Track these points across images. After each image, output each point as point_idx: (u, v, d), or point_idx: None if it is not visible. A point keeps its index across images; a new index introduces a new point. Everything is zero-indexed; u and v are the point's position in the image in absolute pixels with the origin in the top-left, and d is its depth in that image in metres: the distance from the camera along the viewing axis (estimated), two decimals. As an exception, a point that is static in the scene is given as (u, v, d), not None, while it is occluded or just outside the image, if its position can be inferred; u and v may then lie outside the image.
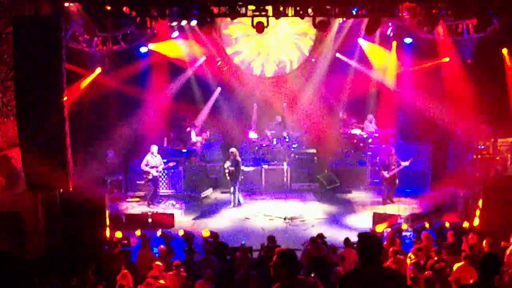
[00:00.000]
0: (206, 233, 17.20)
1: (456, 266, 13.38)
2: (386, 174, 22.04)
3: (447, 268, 13.80)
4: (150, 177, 22.09)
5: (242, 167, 23.35)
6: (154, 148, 22.24)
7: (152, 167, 22.01)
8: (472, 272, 12.56)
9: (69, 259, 14.46)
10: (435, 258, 14.36)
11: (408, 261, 14.38)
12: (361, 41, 26.11)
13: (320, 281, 11.86)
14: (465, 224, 17.64)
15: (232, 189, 22.52)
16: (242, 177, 23.02)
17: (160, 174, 22.90)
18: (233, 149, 22.74)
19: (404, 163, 21.84)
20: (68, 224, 16.25)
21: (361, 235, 7.69)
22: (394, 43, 25.30)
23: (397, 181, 22.26)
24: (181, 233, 17.44)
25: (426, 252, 15.15)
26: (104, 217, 17.41)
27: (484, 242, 14.88)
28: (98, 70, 22.92)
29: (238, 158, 22.62)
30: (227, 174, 22.54)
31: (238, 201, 22.56)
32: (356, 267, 7.43)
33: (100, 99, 23.31)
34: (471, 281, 10.93)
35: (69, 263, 14.20)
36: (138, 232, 17.32)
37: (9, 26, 15.70)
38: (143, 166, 22.02)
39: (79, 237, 16.05)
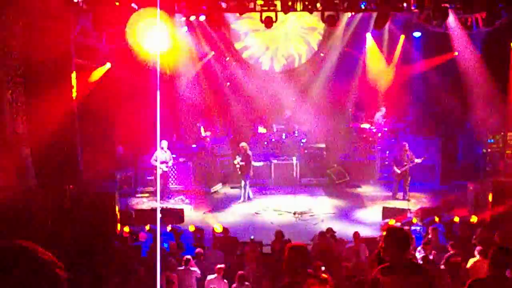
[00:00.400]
0: (219, 229, 17.22)
1: (471, 261, 13.31)
2: (397, 170, 21.93)
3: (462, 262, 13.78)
4: (160, 172, 22.10)
5: (252, 162, 23.40)
6: (164, 143, 22.23)
7: (161, 162, 22.00)
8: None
9: (78, 255, 14.50)
10: (451, 252, 14.33)
11: (417, 255, 14.38)
12: (369, 37, 26.06)
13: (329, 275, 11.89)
14: (473, 219, 17.63)
15: (242, 183, 22.52)
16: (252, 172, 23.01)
17: (170, 170, 22.90)
18: (243, 144, 22.74)
19: (417, 160, 21.73)
20: (77, 219, 16.30)
21: (392, 228, 7.76)
22: (402, 37, 25.29)
23: (409, 177, 22.13)
24: (192, 228, 17.48)
25: (432, 247, 15.13)
26: (114, 212, 17.47)
27: (496, 235, 14.86)
28: (108, 65, 22.91)
29: (249, 152, 22.61)
30: (238, 169, 22.56)
31: (248, 196, 22.57)
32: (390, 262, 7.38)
33: (109, 94, 23.32)
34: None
35: (78, 258, 14.24)
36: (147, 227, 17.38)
37: (17, 22, 15.73)
38: (152, 161, 22.02)
39: (89, 232, 16.10)
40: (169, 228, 17.52)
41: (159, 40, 13.25)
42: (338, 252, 15.35)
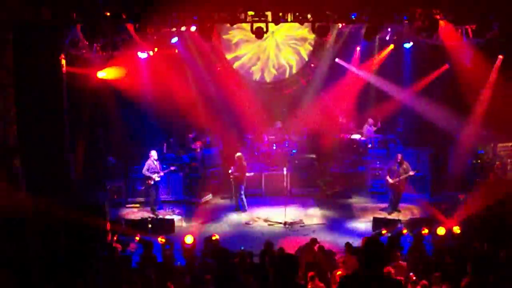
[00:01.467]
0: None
1: None
2: (390, 179, 21.93)
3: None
4: (152, 182, 22.04)
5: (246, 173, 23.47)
6: (154, 153, 22.19)
7: (153, 172, 21.98)
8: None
9: (70, 264, 14.48)
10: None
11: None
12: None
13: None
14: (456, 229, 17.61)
15: (237, 194, 22.58)
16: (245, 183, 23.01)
17: (160, 180, 22.80)
18: (238, 154, 22.78)
19: (410, 173, 21.72)
20: (68, 229, 16.27)
21: (367, 240, 7.73)
22: (391, 47, 25.34)
23: (402, 188, 22.12)
24: (190, 240, 17.44)
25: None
26: (104, 223, 17.43)
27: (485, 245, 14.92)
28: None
29: (244, 163, 22.64)
30: (231, 179, 22.57)
31: (241, 206, 22.57)
32: (355, 270, 7.43)
33: (100, 104, 23.30)
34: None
35: (70, 267, 14.22)
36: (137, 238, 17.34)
37: (9, 32, 15.72)
38: (144, 172, 21.98)
39: (80, 242, 16.07)
40: (160, 239, 17.42)
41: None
42: (325, 263, 15.31)
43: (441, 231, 17.66)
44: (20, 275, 12.98)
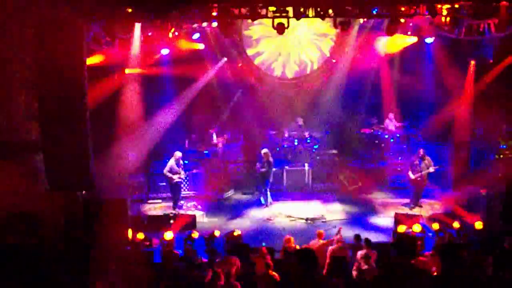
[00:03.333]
0: (237, 232, 17.32)
1: None
2: (411, 175, 21.87)
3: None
4: (173, 182, 22.08)
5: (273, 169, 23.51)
6: (178, 154, 22.19)
7: (174, 173, 22.00)
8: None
9: (90, 261, 14.53)
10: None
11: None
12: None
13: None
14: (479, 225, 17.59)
15: (263, 189, 22.77)
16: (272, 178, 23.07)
17: (182, 180, 22.81)
18: (265, 150, 22.83)
19: (431, 169, 21.65)
20: (89, 225, 16.34)
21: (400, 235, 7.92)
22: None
23: (425, 183, 22.09)
24: (217, 233, 17.50)
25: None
26: (125, 219, 17.50)
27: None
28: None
29: (271, 159, 22.69)
30: (258, 175, 22.68)
31: (266, 201, 22.67)
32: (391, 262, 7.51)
33: (121, 100, 23.37)
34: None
35: (90, 264, 14.28)
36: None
37: (31, 29, 15.81)
38: (165, 172, 21.99)
39: (101, 238, 16.13)
40: (195, 234, 17.47)
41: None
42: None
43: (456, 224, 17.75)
44: (38, 271, 13.05)
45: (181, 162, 22.34)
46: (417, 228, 17.78)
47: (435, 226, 18.14)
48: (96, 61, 19.94)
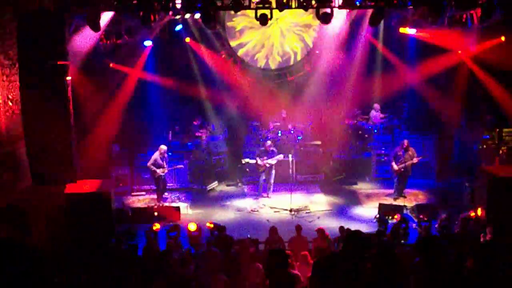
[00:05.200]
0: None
1: None
2: (395, 166, 21.92)
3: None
4: (156, 176, 22.04)
5: (247, 160, 23.49)
6: (164, 147, 22.15)
7: (158, 167, 21.95)
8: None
9: (74, 254, 14.48)
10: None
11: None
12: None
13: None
14: (472, 214, 17.61)
15: (268, 180, 22.91)
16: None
17: (166, 174, 22.75)
18: (269, 142, 22.91)
19: (414, 160, 21.71)
20: (73, 218, 16.30)
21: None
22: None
23: (407, 174, 22.08)
24: (193, 227, 17.47)
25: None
26: (109, 211, 17.45)
27: (487, 229, 14.89)
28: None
29: (274, 149, 22.80)
30: (263, 167, 22.65)
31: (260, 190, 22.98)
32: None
33: (104, 92, 23.32)
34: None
35: (74, 257, 14.23)
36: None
37: (13, 21, 15.73)
38: (149, 165, 21.95)
39: (85, 232, 16.10)
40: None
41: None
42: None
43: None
44: (25, 264, 12.97)
45: (166, 156, 22.29)
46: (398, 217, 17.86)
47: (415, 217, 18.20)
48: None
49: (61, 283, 12.08)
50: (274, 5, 18.36)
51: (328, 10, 18.42)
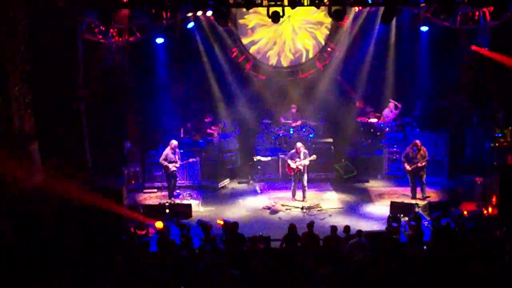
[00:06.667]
0: (220, 222, 17.35)
1: None
2: (407, 167, 21.75)
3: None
4: (169, 171, 22.05)
5: (259, 157, 23.51)
6: (174, 142, 22.13)
7: (170, 162, 21.96)
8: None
9: (86, 250, 14.54)
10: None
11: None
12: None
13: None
14: (484, 212, 17.59)
15: (301, 183, 22.43)
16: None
17: (178, 169, 22.73)
18: (300, 144, 22.59)
19: (423, 162, 21.56)
20: (85, 214, 16.34)
21: None
22: None
23: (423, 174, 21.75)
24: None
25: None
26: (121, 208, 17.50)
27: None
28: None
29: (305, 150, 22.60)
30: (296, 170, 22.36)
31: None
32: None
33: (116, 90, 23.38)
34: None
35: (86, 254, 14.29)
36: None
37: (25, 18, 15.78)
38: (161, 161, 21.95)
39: (97, 228, 16.15)
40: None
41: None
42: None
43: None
44: (37, 259, 13.07)
45: (177, 150, 22.30)
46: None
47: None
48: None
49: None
50: (286, 2, 18.39)
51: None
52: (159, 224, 17.34)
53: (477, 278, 10.39)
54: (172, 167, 21.94)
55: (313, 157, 22.22)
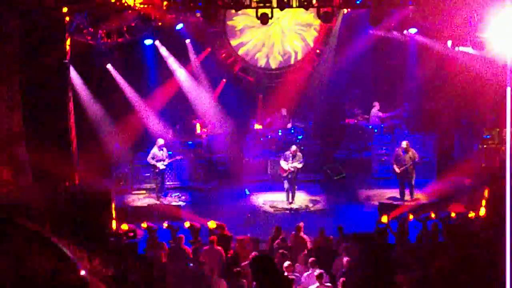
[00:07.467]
0: (212, 225, 17.26)
1: None
2: (397, 169, 21.82)
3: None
4: (157, 170, 22.06)
5: (248, 159, 23.58)
6: (161, 141, 22.20)
7: (158, 161, 21.97)
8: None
9: (74, 252, 14.49)
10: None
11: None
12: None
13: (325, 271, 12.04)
14: (471, 214, 17.62)
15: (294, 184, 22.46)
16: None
17: (166, 168, 22.76)
18: (295, 147, 22.56)
19: (416, 161, 21.62)
20: (73, 216, 16.30)
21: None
22: None
23: (411, 175, 21.90)
24: (187, 224, 17.48)
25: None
26: (110, 210, 17.47)
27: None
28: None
29: (299, 153, 22.59)
30: (291, 172, 22.31)
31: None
32: None
33: (105, 91, 23.36)
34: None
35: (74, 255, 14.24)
36: (144, 224, 17.37)
37: (13, 19, 15.75)
38: (149, 160, 22.00)
39: (85, 230, 16.11)
40: (165, 225, 17.43)
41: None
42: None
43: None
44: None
45: (165, 149, 22.29)
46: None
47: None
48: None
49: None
50: (275, 4, 18.41)
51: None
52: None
53: (465, 279, 10.42)
54: (160, 165, 21.95)
55: (300, 165, 22.20)
